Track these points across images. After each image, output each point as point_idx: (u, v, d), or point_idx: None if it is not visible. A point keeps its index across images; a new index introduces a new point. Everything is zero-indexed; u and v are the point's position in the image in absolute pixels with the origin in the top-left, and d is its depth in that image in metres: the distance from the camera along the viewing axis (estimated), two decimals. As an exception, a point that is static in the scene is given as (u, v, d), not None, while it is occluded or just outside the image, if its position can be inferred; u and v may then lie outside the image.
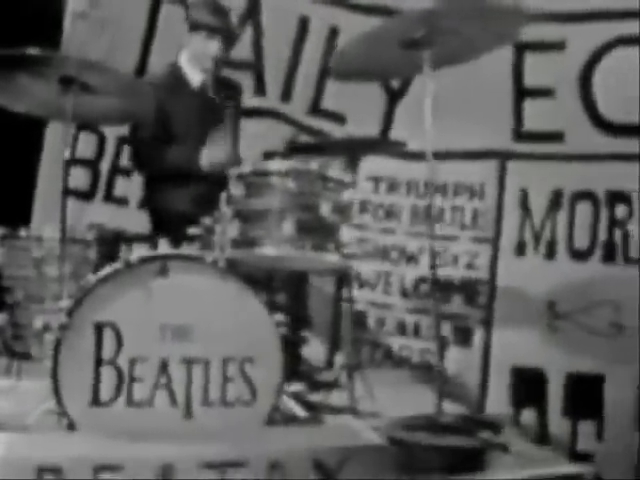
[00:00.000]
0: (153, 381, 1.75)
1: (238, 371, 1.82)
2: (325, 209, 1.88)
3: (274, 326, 1.85)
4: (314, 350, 2.93)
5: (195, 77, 2.97)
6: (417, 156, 3.48)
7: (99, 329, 1.72)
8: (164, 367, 1.77)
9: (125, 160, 3.55)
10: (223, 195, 2.01)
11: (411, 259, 3.50)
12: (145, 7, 3.67)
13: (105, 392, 1.71)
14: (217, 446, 1.59)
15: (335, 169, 2.04)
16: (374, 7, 3.65)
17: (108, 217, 3.33)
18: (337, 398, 2.43)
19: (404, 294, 3.46)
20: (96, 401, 1.71)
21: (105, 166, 3.57)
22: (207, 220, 2.04)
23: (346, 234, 1.99)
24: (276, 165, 1.96)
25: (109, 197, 3.54)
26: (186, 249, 2.00)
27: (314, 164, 1.97)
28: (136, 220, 3.09)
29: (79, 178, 3.51)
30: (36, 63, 1.92)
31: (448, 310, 3.37)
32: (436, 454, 1.85)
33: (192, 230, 2.08)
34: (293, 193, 1.91)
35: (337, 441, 1.66)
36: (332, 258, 1.95)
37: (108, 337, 1.72)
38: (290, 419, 1.84)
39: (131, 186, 3.53)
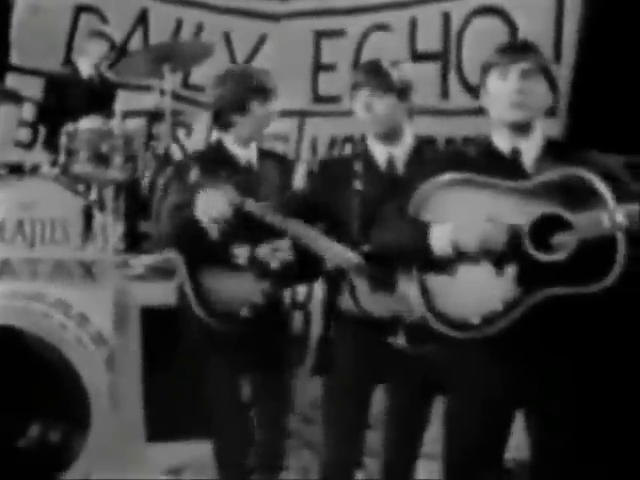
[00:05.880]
0: (15, 229, 3.84)
1: (61, 226, 3.90)
2: (105, 147, 3.98)
3: (78, 209, 3.93)
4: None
5: (85, 71, 5.10)
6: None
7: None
8: (21, 224, 3.87)
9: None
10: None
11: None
12: (69, 17, 5.81)
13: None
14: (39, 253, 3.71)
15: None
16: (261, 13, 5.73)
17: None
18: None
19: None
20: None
21: (42, 128, 5.70)
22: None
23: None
24: (85, 125, 4.08)
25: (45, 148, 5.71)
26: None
27: (104, 125, 4.11)
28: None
29: (24, 134, 5.68)
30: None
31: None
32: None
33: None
34: (90, 140, 4.02)
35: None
36: (113, 174, 4.07)
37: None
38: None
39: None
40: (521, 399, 2.35)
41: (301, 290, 4.96)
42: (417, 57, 5.07)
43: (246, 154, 3.29)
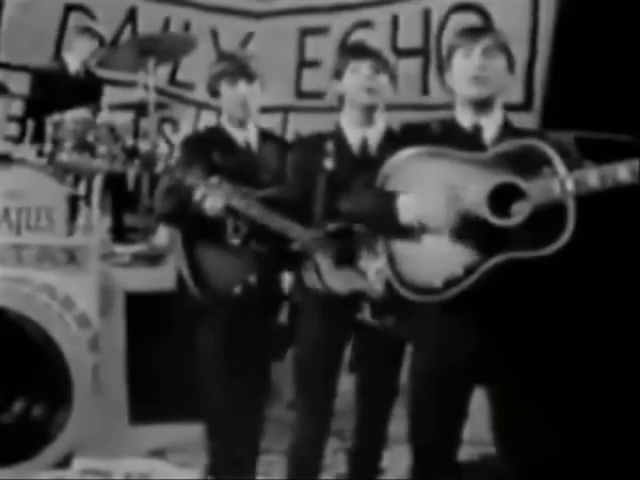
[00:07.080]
0: (1, 216, 3.94)
1: (46, 214, 4.01)
2: (90, 137, 4.08)
3: (63, 197, 4.04)
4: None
5: (73, 66, 5.24)
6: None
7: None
8: (7, 211, 3.98)
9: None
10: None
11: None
12: (59, 15, 5.95)
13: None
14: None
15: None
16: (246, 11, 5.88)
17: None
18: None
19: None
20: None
21: (30, 122, 5.84)
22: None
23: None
24: (70, 115, 4.20)
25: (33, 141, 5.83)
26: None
27: (89, 115, 4.22)
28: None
29: (12, 129, 5.80)
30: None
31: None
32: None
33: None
34: (75, 130, 4.13)
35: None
36: (98, 163, 4.17)
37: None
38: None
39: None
40: (480, 369, 2.46)
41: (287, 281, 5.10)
42: (399, 53, 5.22)
43: (243, 135, 3.27)
